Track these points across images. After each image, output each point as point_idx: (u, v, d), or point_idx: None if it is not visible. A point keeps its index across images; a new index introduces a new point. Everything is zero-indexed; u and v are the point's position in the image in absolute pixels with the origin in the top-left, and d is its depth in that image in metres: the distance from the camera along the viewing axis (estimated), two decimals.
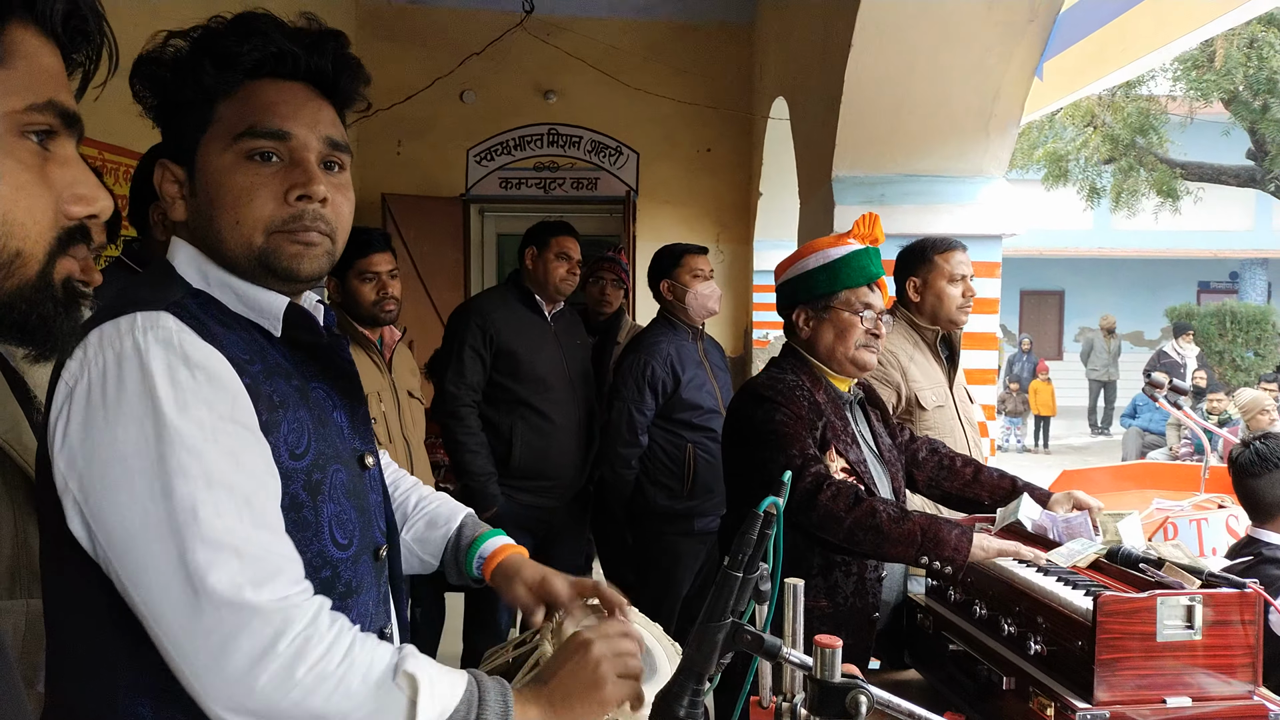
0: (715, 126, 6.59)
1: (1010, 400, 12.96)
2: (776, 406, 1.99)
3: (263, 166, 1.02)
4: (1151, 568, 1.63)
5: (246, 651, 0.88)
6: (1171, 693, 1.48)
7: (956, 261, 2.62)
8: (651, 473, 3.27)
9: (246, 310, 1.05)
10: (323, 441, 1.04)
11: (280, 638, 0.89)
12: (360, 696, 0.91)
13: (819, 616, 1.96)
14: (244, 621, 0.88)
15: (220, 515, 0.90)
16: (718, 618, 0.94)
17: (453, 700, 0.95)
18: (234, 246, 1.02)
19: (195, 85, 1.01)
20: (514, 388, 3.19)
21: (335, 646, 0.92)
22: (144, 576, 0.89)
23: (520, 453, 3.19)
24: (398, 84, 6.19)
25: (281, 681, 0.88)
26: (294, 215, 1.02)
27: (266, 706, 0.88)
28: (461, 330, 3.19)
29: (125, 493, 0.89)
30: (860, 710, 0.89)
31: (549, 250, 3.26)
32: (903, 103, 3.22)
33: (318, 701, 0.89)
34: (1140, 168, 12.60)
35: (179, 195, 1.04)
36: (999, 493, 2.17)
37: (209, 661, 0.88)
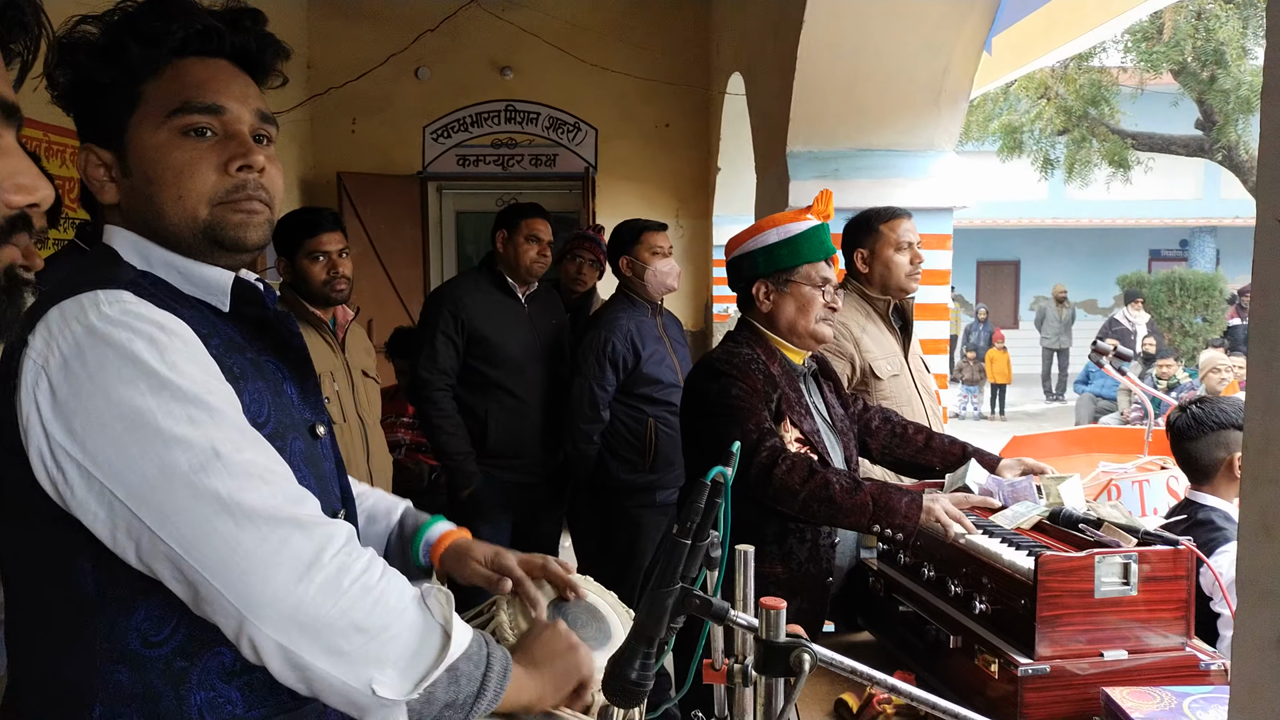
0: (673, 102, 6.58)
1: (967, 369, 13.18)
2: (732, 381, 2.02)
3: (199, 141, 1.03)
4: (1091, 528, 1.69)
5: (293, 564, 0.90)
6: (1109, 646, 1.54)
7: (903, 230, 2.66)
8: (613, 447, 3.31)
9: (193, 289, 1.05)
10: (280, 411, 1.06)
11: (324, 550, 0.91)
12: (398, 610, 0.95)
13: (774, 582, 2.00)
14: (288, 535, 0.90)
15: (240, 450, 0.92)
16: (667, 583, 0.97)
17: (468, 634, 1.00)
18: (178, 222, 1.03)
19: (119, 67, 1.01)
20: (487, 371, 3.26)
21: (374, 564, 0.95)
22: (176, 519, 0.89)
23: (495, 434, 3.26)
24: (351, 61, 6.11)
25: (330, 591, 0.90)
26: (237, 185, 1.04)
27: (315, 617, 0.90)
28: (434, 316, 3.24)
29: (136, 447, 0.89)
30: (804, 667, 0.93)
31: (519, 233, 3.29)
32: (855, 78, 3.25)
33: (362, 613, 0.92)
34: (1092, 138, 12.79)
35: (107, 178, 1.04)
36: (950, 459, 2.23)
37: (257, 579, 0.89)
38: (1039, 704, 1.51)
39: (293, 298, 2.79)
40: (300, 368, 1.16)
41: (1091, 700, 1.50)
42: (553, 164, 6.70)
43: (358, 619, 0.91)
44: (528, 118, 6.63)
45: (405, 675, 0.94)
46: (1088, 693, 1.51)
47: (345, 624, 0.91)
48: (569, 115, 6.64)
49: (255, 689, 1.00)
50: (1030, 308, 18.28)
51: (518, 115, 6.62)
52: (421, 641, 0.96)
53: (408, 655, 0.95)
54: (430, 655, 0.96)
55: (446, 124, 6.59)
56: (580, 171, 6.56)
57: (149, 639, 0.96)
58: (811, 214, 2.15)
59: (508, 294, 3.32)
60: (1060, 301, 14.57)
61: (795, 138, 3.39)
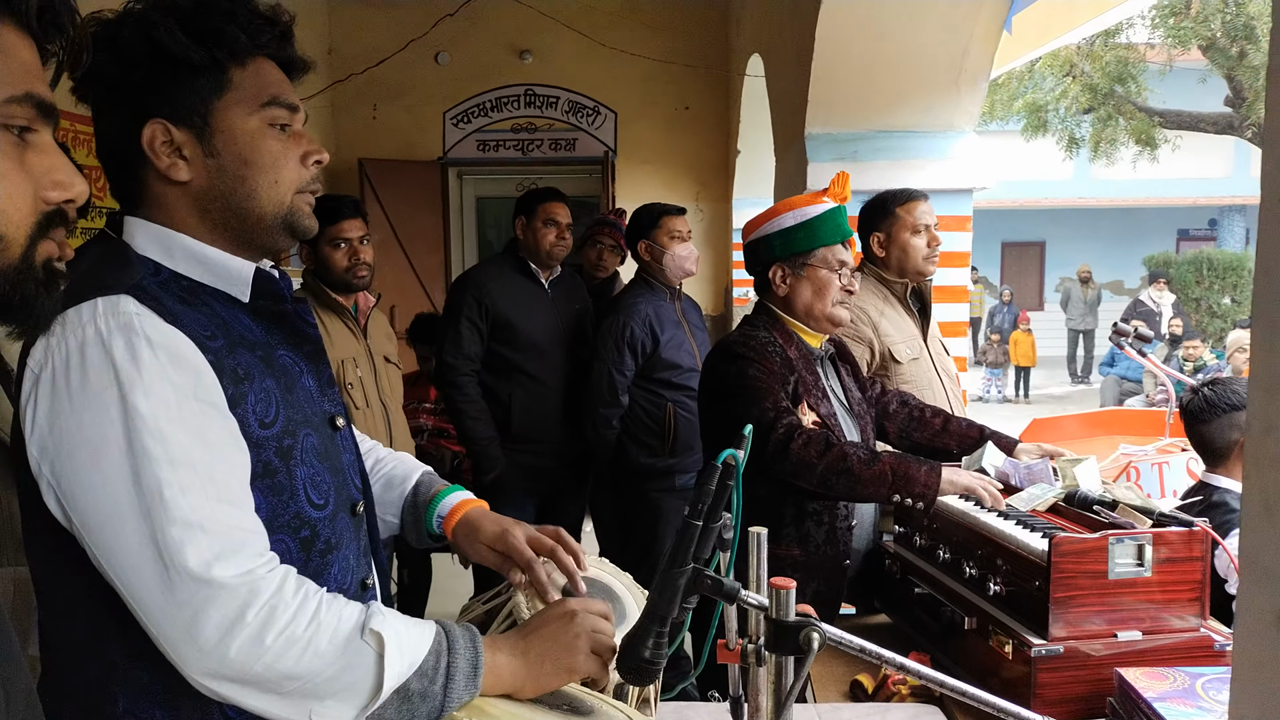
0: (693, 85, 6.56)
1: (991, 351, 13.07)
2: (749, 362, 2.03)
3: (281, 134, 1.09)
4: (1106, 510, 1.69)
5: (216, 624, 0.92)
6: (1123, 627, 1.55)
7: (919, 212, 2.64)
8: (633, 432, 3.33)
9: (213, 279, 1.08)
10: (291, 408, 1.08)
11: (247, 609, 0.93)
12: (329, 655, 0.96)
13: (791, 564, 2.02)
14: (211, 596, 0.92)
15: (185, 494, 0.94)
16: (679, 564, 0.99)
17: (421, 651, 1.01)
18: (267, 204, 1.08)
19: (220, 49, 1.04)
20: (511, 356, 3.28)
21: (301, 611, 0.96)
22: (117, 555, 0.93)
23: (518, 418, 3.30)
24: (371, 47, 6.13)
25: (252, 648, 0.93)
26: (312, 178, 1.12)
27: (240, 672, 0.93)
28: (458, 302, 3.28)
29: (95, 474, 0.93)
30: (813, 645, 0.94)
31: (536, 218, 3.31)
32: (873, 59, 3.23)
33: (288, 664, 0.94)
34: (1119, 116, 12.62)
35: (179, 156, 1.05)
36: (967, 441, 2.23)
37: (183, 634, 0.92)
38: (1053, 684, 1.51)
39: (315, 284, 2.83)
40: (316, 360, 1.18)
41: (1105, 681, 1.50)
42: (572, 148, 6.70)
43: (285, 669, 0.94)
44: (547, 102, 6.64)
45: (344, 707, 0.97)
46: (1102, 673, 1.51)
47: (274, 675, 0.94)
48: (588, 99, 6.64)
49: None
50: (1055, 289, 18.11)
51: (537, 99, 6.63)
52: (358, 676, 0.97)
53: (343, 689, 0.97)
54: (367, 686, 0.97)
55: (466, 109, 6.61)
56: (600, 155, 6.56)
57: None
58: (828, 197, 2.15)
59: (531, 279, 3.35)
60: (1085, 282, 14.42)
61: (814, 119, 3.38)
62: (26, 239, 0.72)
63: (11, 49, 0.71)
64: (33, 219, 0.72)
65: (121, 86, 1.04)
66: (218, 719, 1.02)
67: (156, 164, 1.04)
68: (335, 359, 2.77)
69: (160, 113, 1.03)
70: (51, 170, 0.74)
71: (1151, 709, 1.36)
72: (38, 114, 0.73)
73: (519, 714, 1.04)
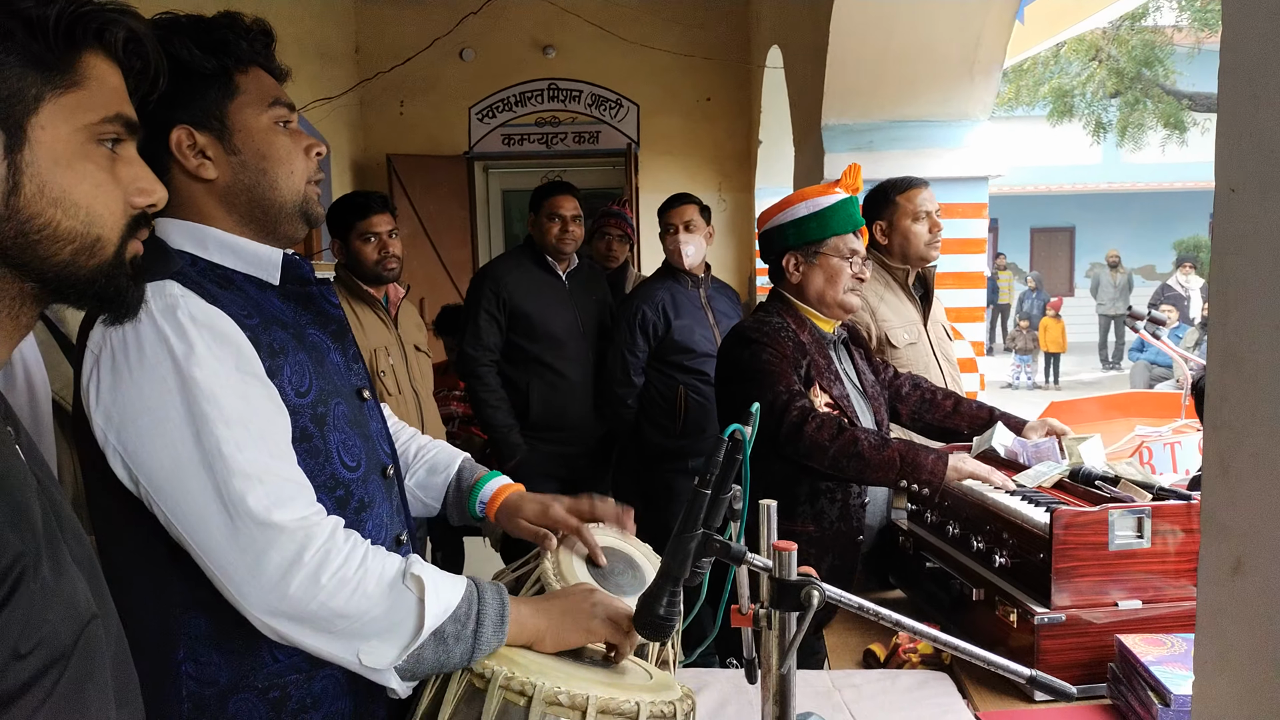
0: (714, 76, 6.62)
1: (1020, 338, 13.02)
2: (763, 347, 2.11)
3: (285, 131, 1.20)
4: (1108, 485, 1.76)
5: (277, 564, 1.03)
6: (1124, 596, 1.61)
7: (920, 199, 2.70)
8: (649, 412, 3.47)
9: (245, 266, 1.19)
10: (323, 379, 1.19)
11: (304, 550, 1.04)
12: (376, 597, 1.06)
13: (806, 541, 2.10)
14: (273, 538, 1.03)
15: (241, 449, 1.04)
16: (689, 529, 1.07)
17: (455, 597, 1.10)
18: (287, 193, 1.20)
19: (227, 57, 1.16)
20: (529, 347, 3.39)
21: (351, 556, 1.07)
22: (184, 509, 1.04)
23: (537, 408, 3.40)
24: (397, 46, 6.25)
25: (309, 587, 1.03)
26: (316, 168, 1.24)
27: (298, 609, 1.03)
28: (477, 295, 3.39)
29: (159, 439, 1.03)
30: (813, 602, 1.03)
31: (541, 213, 3.43)
32: (887, 50, 3.28)
33: (340, 602, 1.04)
34: (1146, 100, 12.50)
35: (204, 158, 1.16)
36: (977, 423, 2.30)
37: (246, 574, 1.03)
38: (1055, 651, 1.58)
39: (347, 277, 2.94)
40: (342, 338, 1.29)
41: (1106, 647, 1.57)
42: (596, 141, 6.78)
43: (337, 608, 1.04)
44: (570, 95, 6.72)
45: (388, 646, 1.07)
46: (1103, 640, 1.58)
47: (326, 613, 1.04)
48: (611, 92, 6.71)
49: None
50: (1085, 275, 17.96)
51: (560, 93, 6.71)
52: (400, 618, 1.07)
53: (387, 631, 1.07)
54: (409, 628, 1.07)
55: (491, 104, 6.71)
56: (623, 148, 6.64)
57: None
58: (840, 188, 2.22)
59: (548, 272, 3.45)
60: (1115, 268, 14.30)
61: (830, 111, 3.44)
62: (119, 239, 0.83)
63: (104, 76, 0.82)
64: (124, 222, 0.83)
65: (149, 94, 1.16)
66: (267, 660, 1.13)
67: (185, 165, 1.16)
68: (368, 348, 2.88)
69: (183, 119, 1.15)
70: (137, 179, 0.85)
71: (1149, 673, 1.43)
72: (125, 130, 0.84)
73: (545, 663, 1.13)
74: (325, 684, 1.16)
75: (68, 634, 0.71)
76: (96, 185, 0.80)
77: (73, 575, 0.74)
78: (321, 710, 1.16)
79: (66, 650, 0.70)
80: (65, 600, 0.71)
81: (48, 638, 0.68)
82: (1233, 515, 0.86)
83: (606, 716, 1.08)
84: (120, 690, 0.80)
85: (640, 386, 3.43)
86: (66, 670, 0.70)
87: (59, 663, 0.69)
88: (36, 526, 0.70)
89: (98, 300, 0.83)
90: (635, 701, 1.09)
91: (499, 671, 1.07)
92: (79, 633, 0.72)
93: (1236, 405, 0.84)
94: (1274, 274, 0.79)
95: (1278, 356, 0.79)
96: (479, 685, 1.08)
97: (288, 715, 1.13)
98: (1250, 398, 0.82)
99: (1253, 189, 0.82)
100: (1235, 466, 0.85)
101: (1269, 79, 0.80)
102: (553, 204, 3.41)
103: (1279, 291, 0.79)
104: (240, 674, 1.12)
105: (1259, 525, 0.82)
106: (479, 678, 1.09)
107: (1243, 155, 0.83)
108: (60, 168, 0.78)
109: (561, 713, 1.06)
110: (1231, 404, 0.85)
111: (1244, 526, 0.85)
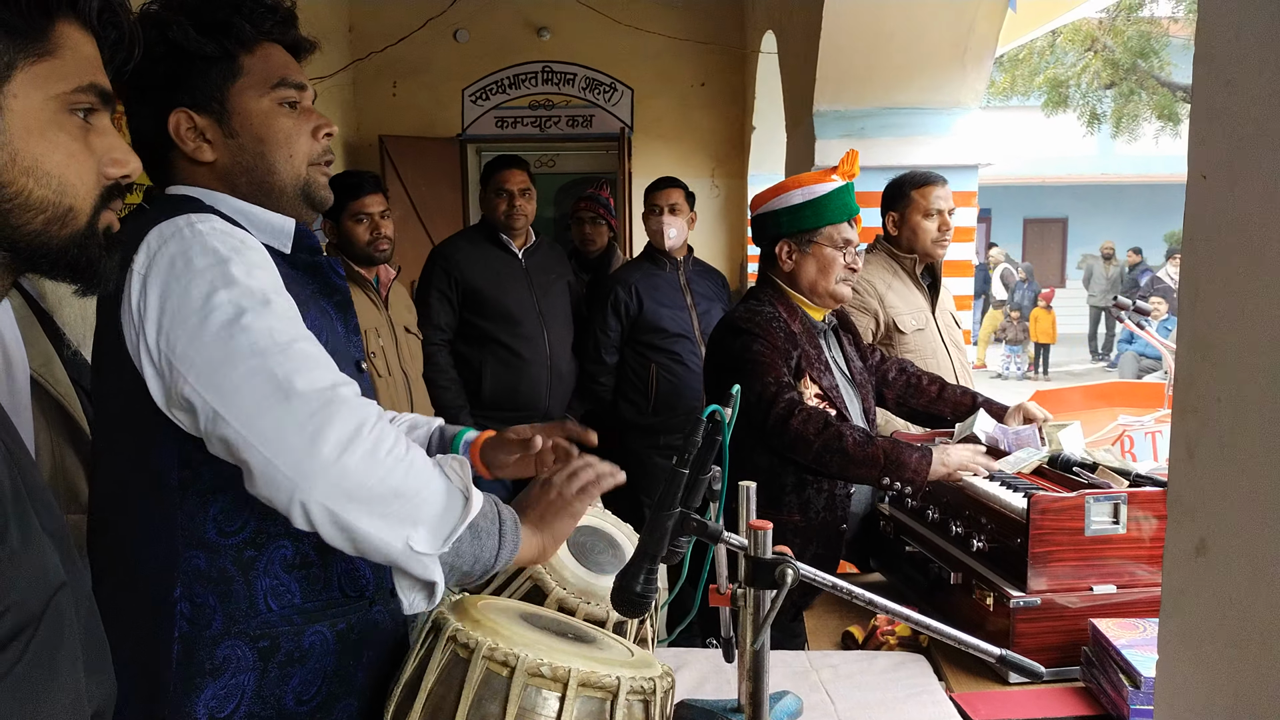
0: (709, 61, 6.60)
1: (1011, 328, 13.06)
2: (754, 337, 2.11)
3: (291, 112, 1.21)
4: (1086, 471, 1.78)
5: (336, 439, 1.01)
6: (1098, 581, 1.64)
7: (934, 196, 2.73)
8: (623, 390, 3.56)
9: (258, 233, 1.19)
10: (331, 346, 1.19)
11: (364, 425, 1.03)
12: (427, 478, 1.07)
13: (792, 530, 2.11)
14: (333, 412, 1.02)
15: (294, 340, 1.05)
16: (667, 507, 1.09)
17: (480, 497, 1.13)
18: (286, 176, 1.21)
19: (229, 40, 1.16)
20: (482, 324, 3.37)
21: (400, 438, 1.07)
22: (237, 397, 1.02)
23: (490, 386, 3.38)
24: (391, 26, 6.21)
25: (369, 461, 1.02)
26: (324, 149, 1.24)
27: (358, 484, 1.01)
28: (429, 274, 3.38)
29: (208, 335, 1.03)
30: (786, 580, 1.04)
31: (489, 188, 3.41)
32: (880, 36, 3.28)
33: (398, 479, 1.04)
34: (1141, 91, 12.51)
35: (202, 140, 1.18)
36: (961, 408, 2.31)
37: (305, 453, 1.00)
38: (1030, 634, 1.61)
39: (338, 257, 2.93)
40: (345, 309, 1.30)
41: (1081, 631, 1.59)
42: (589, 124, 6.76)
43: (394, 484, 1.03)
44: (564, 79, 6.69)
45: (436, 532, 1.07)
46: (1077, 624, 1.60)
47: (384, 489, 1.03)
48: (605, 75, 6.69)
49: (311, 583, 1.16)
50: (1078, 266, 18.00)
51: (554, 76, 6.69)
52: (448, 502, 1.08)
53: (438, 514, 1.07)
54: (455, 513, 1.08)
55: (485, 86, 6.68)
56: (616, 132, 6.62)
57: (224, 529, 1.12)
58: (837, 174, 2.20)
59: (503, 249, 3.41)
60: (1108, 259, 14.34)
61: (821, 97, 3.44)
62: (91, 209, 0.83)
63: (77, 45, 0.82)
64: (97, 192, 0.84)
65: (146, 81, 1.16)
66: (261, 608, 1.14)
67: (183, 148, 1.18)
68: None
69: (182, 102, 1.17)
70: (111, 149, 0.85)
71: (1121, 656, 1.46)
72: (99, 101, 0.84)
73: (529, 635, 1.15)
74: (314, 639, 1.17)
75: (36, 601, 0.72)
76: (69, 155, 0.81)
77: (42, 544, 0.75)
78: (308, 665, 1.17)
79: (35, 617, 0.71)
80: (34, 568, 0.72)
81: (15, 604, 0.69)
82: (1197, 497, 0.87)
83: (587, 689, 1.09)
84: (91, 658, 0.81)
85: (613, 365, 3.50)
86: (35, 636, 0.70)
87: (27, 629, 0.70)
88: (4, 494, 0.71)
89: (70, 270, 0.84)
90: (616, 676, 1.10)
91: (483, 642, 1.09)
92: (47, 600, 0.73)
93: (1204, 389, 0.86)
94: (1243, 260, 0.81)
95: (1245, 342, 0.80)
96: (463, 655, 1.10)
97: (274, 666, 1.15)
98: (1217, 382, 0.84)
99: (1224, 175, 0.83)
100: (1201, 450, 0.86)
101: (1241, 66, 0.80)
102: (500, 179, 3.36)
103: (1248, 277, 0.80)
104: (233, 619, 1.13)
105: (1223, 507, 0.84)
106: (463, 647, 1.10)
107: (1215, 141, 0.84)
108: (33, 136, 0.78)
109: (543, 684, 1.08)
110: (1199, 388, 0.86)
111: (1208, 508, 0.86)
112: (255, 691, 1.13)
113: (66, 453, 1.52)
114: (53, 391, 1.52)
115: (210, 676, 1.11)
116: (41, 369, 1.52)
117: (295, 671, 1.16)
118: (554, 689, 1.08)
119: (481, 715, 1.07)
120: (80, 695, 0.77)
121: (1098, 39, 12.01)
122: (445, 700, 1.09)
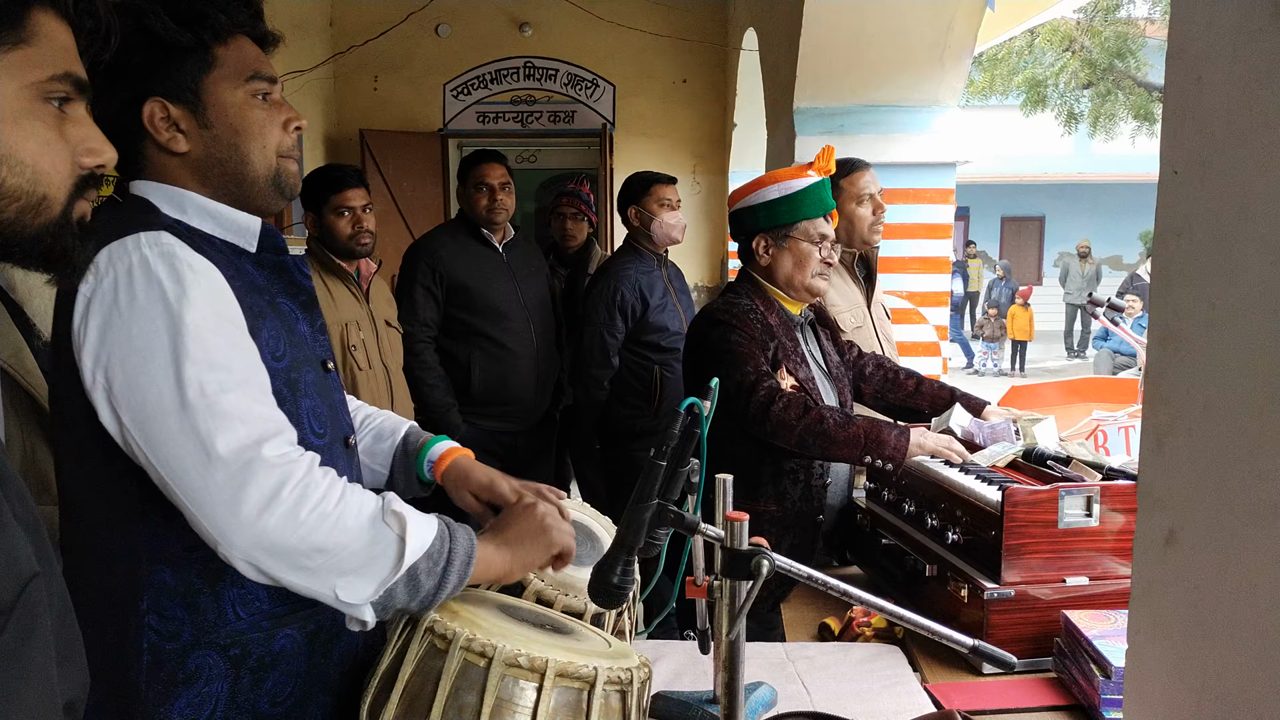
0: (691, 58, 6.61)
1: (988, 325, 13.16)
2: (732, 329, 2.12)
3: (264, 104, 1.21)
4: (1060, 465, 1.79)
5: (255, 500, 1.02)
6: (1071, 573, 1.65)
7: (862, 182, 2.69)
8: (620, 393, 3.43)
9: (223, 232, 1.20)
10: (294, 347, 1.20)
11: (283, 486, 1.03)
12: (355, 532, 1.06)
13: (768, 520, 2.13)
14: (250, 475, 1.03)
15: (225, 391, 1.05)
16: (644, 499, 1.09)
17: (429, 535, 1.11)
18: (259, 167, 1.21)
19: (204, 31, 1.16)
20: (469, 319, 3.32)
21: (330, 492, 1.07)
22: (164, 448, 1.03)
23: (478, 381, 3.34)
24: (372, 19, 6.18)
25: (288, 522, 1.03)
26: (294, 142, 1.25)
27: (277, 544, 1.03)
28: (412, 270, 3.32)
29: (144, 377, 1.04)
30: (762, 571, 1.05)
31: (468, 184, 3.37)
32: (860, 34, 3.30)
33: (320, 537, 1.04)
34: (1118, 91, 12.63)
35: (176, 130, 1.17)
36: (938, 402, 2.33)
37: (225, 513, 1.02)
38: (1004, 625, 1.62)
39: (320, 250, 2.92)
40: (310, 308, 1.29)
41: (1053, 622, 1.61)
42: (571, 120, 6.76)
43: (316, 542, 1.04)
44: (546, 74, 6.69)
45: (365, 582, 1.07)
46: (1050, 615, 1.62)
47: (306, 547, 1.04)
48: (587, 72, 6.68)
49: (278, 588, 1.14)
50: (1054, 264, 18.16)
51: (536, 72, 6.68)
52: (379, 554, 1.07)
53: (364, 566, 1.07)
54: (387, 564, 1.08)
55: (467, 81, 6.66)
56: (598, 128, 6.62)
57: (189, 544, 1.10)
58: (813, 170, 2.22)
59: (484, 244, 3.38)
60: (1084, 257, 14.48)
61: (802, 94, 3.45)
62: (66, 198, 0.83)
63: (53, 34, 0.82)
64: (71, 181, 0.83)
65: (120, 70, 1.15)
66: (230, 617, 1.14)
67: (157, 138, 1.17)
68: (339, 322, 2.87)
69: (157, 92, 1.16)
70: (86, 139, 0.85)
71: (1092, 646, 1.47)
72: (75, 90, 0.84)
73: (506, 626, 1.15)
74: (285, 643, 1.18)
75: (8, 591, 0.71)
76: (44, 143, 0.80)
77: (13, 533, 0.74)
78: (280, 669, 1.17)
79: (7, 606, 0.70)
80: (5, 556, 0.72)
81: None
82: (1166, 488, 0.89)
83: (565, 679, 1.09)
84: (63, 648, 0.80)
85: (615, 368, 3.40)
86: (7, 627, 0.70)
87: None
88: None
89: (44, 259, 0.83)
90: (593, 666, 1.11)
91: (460, 633, 1.08)
92: (20, 590, 0.72)
93: (1173, 382, 0.87)
94: (1213, 254, 0.82)
95: (1214, 335, 0.82)
96: (440, 646, 1.10)
97: (246, 672, 1.15)
98: (1186, 375, 0.85)
99: (1194, 171, 0.84)
100: (1170, 441, 0.88)
101: (1212, 62, 0.82)
102: (479, 173, 3.34)
103: (1217, 272, 0.81)
104: (202, 630, 1.13)
105: (1191, 498, 0.85)
106: (440, 639, 1.10)
107: (1186, 137, 0.86)
108: (7, 125, 0.78)
109: (521, 674, 1.08)
110: (1169, 381, 0.87)
111: (1177, 500, 0.88)
112: (229, 698, 1.14)
113: (38, 444, 1.51)
114: (23, 382, 1.51)
115: (183, 685, 1.12)
116: (11, 360, 1.50)
117: (268, 676, 1.17)
118: (531, 679, 1.08)
119: (459, 706, 1.07)
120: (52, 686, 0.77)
121: (1075, 39, 12.11)
122: (423, 691, 1.08)
